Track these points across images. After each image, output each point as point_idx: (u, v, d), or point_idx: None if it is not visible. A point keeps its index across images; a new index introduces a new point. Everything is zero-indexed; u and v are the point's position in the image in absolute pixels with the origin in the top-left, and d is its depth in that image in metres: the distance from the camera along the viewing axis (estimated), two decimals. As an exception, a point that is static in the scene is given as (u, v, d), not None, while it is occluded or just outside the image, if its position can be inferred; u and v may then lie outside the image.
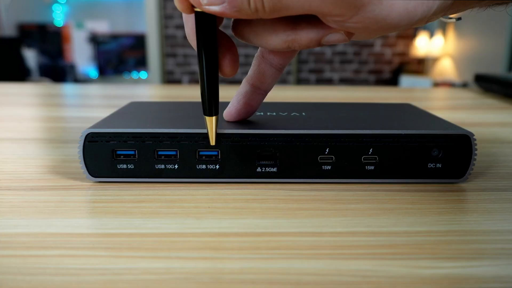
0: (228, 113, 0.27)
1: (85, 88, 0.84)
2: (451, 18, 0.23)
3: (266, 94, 0.27)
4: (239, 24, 0.22)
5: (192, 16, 0.22)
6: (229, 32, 0.24)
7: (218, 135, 0.26)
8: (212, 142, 0.25)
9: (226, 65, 0.23)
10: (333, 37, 0.21)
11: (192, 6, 0.20)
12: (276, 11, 0.19)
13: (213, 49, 0.22)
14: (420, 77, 2.81)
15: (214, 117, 0.24)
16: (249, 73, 0.26)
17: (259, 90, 0.27)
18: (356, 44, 2.80)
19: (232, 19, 0.22)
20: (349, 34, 0.21)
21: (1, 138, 0.38)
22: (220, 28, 0.23)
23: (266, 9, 0.19)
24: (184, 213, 0.22)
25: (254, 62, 0.26)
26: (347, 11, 0.19)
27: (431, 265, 0.17)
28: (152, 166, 0.26)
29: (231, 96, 0.28)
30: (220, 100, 0.24)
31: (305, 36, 0.21)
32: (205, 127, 0.25)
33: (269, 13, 0.19)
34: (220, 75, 0.24)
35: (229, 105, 0.27)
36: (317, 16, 0.20)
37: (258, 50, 0.26)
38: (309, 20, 0.21)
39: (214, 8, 0.19)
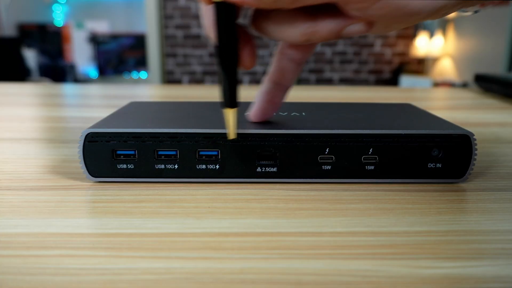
0: (253, 113, 0.27)
1: (85, 88, 0.84)
2: (468, 11, 0.23)
3: (288, 90, 0.27)
4: (258, 18, 0.22)
5: (211, 7, 0.21)
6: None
7: (217, 135, 0.26)
8: (233, 135, 0.25)
9: (245, 56, 0.23)
10: (353, 28, 0.21)
11: None
12: (297, 0, 0.19)
13: (233, 40, 0.22)
14: (420, 77, 2.81)
15: (234, 109, 0.24)
16: (270, 70, 0.26)
17: (281, 86, 0.26)
18: (356, 44, 2.80)
19: (251, 13, 0.22)
20: (369, 24, 0.21)
21: (1, 138, 0.38)
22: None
23: None
24: (184, 213, 0.22)
25: (274, 59, 0.26)
26: None
27: (431, 265, 0.17)
28: (152, 166, 0.26)
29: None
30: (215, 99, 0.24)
31: (324, 27, 0.21)
32: (208, 126, 0.25)
33: (289, 3, 0.19)
34: (239, 67, 0.23)
35: (253, 105, 0.27)
36: (337, 7, 0.20)
37: (278, 46, 0.26)
38: (328, 11, 0.21)
39: None
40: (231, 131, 0.25)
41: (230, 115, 0.24)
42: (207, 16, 0.22)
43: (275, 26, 0.22)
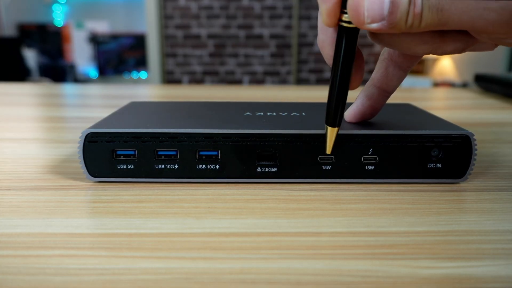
0: (352, 115, 0.27)
1: (85, 88, 0.84)
2: None
3: (390, 96, 0.27)
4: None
5: (334, 29, 0.21)
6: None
7: (217, 135, 0.26)
8: (329, 151, 0.25)
9: (356, 77, 0.23)
10: (480, 47, 0.21)
11: (339, 20, 0.20)
12: (431, 27, 0.19)
13: (351, 62, 0.22)
14: (420, 77, 2.81)
15: (336, 128, 0.24)
16: (374, 75, 0.26)
17: (385, 92, 0.26)
18: (356, 44, 2.80)
19: None
20: (496, 44, 0.21)
21: (1, 138, 0.38)
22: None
23: (421, 25, 0.18)
24: (184, 213, 0.22)
25: (380, 65, 0.26)
26: None
27: (431, 265, 0.17)
28: (152, 166, 0.26)
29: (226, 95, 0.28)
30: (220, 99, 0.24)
31: (452, 45, 0.21)
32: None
33: (423, 29, 0.19)
34: None
35: (353, 107, 0.27)
36: None
37: (385, 52, 0.25)
38: (458, 30, 0.20)
39: (373, 26, 0.19)
40: (329, 146, 0.25)
41: (331, 132, 0.24)
42: (328, 34, 0.22)
43: (400, 40, 0.21)
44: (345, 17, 0.20)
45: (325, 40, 0.22)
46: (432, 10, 0.18)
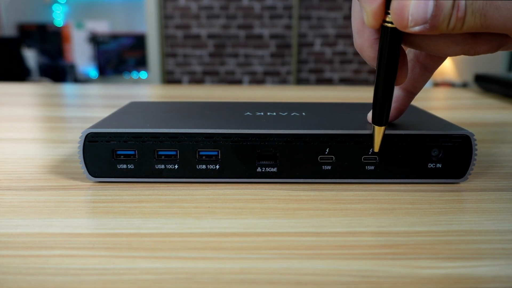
0: None
1: (85, 88, 0.84)
2: None
3: (415, 97, 0.27)
4: (411, 33, 0.21)
5: (376, 30, 0.21)
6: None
7: (217, 135, 0.26)
8: (377, 149, 0.25)
9: (401, 74, 0.23)
10: None
11: (383, 21, 0.20)
12: (472, 30, 0.18)
13: (396, 61, 0.22)
14: (420, 77, 2.80)
15: (384, 127, 0.24)
16: None
17: (410, 94, 0.26)
18: (356, 44, 2.80)
19: None
20: None
21: (1, 138, 0.38)
22: None
23: (463, 29, 0.18)
24: (184, 213, 0.22)
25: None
26: None
27: (431, 265, 0.17)
28: (152, 166, 0.26)
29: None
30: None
31: (485, 46, 0.20)
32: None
33: (463, 31, 0.19)
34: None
35: None
36: None
37: (410, 53, 0.25)
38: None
39: (415, 29, 0.19)
40: (377, 144, 0.25)
41: (378, 131, 0.24)
42: (364, 35, 0.22)
43: (431, 41, 0.21)
44: (389, 18, 0.20)
45: (364, 43, 0.22)
46: (475, 15, 0.18)
